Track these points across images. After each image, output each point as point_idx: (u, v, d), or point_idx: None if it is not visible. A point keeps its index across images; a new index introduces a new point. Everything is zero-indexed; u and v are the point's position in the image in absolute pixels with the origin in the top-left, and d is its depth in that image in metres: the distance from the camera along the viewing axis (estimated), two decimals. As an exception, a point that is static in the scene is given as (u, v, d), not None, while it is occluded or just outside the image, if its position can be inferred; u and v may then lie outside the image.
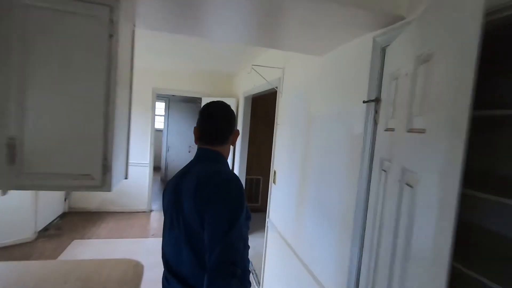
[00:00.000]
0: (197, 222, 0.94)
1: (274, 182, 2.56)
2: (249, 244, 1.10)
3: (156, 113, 8.94)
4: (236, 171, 4.24)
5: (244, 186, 4.15)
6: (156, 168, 8.24)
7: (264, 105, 4.97)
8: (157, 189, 6.53)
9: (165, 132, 7.21)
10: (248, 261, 1.08)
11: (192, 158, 1.13)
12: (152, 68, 4.61)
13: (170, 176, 7.19)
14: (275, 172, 2.55)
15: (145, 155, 4.78)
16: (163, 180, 7.23)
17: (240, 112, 4.23)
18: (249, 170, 4.30)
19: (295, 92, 2.18)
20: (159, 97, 7.19)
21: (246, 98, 4.01)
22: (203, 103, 4.79)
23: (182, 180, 1.05)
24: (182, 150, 7.15)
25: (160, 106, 8.88)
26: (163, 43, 3.04)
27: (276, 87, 2.56)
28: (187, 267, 0.99)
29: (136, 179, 4.76)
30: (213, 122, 1.09)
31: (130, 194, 4.76)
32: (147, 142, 4.76)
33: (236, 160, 4.28)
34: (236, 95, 4.58)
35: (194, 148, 1.43)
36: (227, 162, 1.13)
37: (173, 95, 7.09)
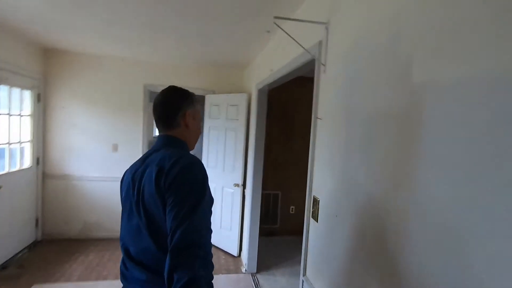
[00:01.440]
0: (160, 207, 0.94)
1: (314, 217, 1.56)
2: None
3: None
4: (249, 186, 3.26)
5: (259, 203, 2.97)
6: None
7: (279, 102, 3.99)
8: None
9: (167, 139, 6.34)
10: (210, 244, 0.98)
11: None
12: (143, 59, 3.73)
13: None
14: (315, 201, 1.56)
15: (136, 167, 3.86)
16: (165, 194, 6.33)
17: (253, 110, 3.26)
18: (264, 183, 3.32)
19: (356, 56, 1.19)
20: (160, 99, 6.34)
21: (260, 92, 3.04)
22: (208, 102, 3.86)
23: (141, 168, 1.04)
24: (187, 159, 6.24)
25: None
26: (151, 25, 2.15)
27: (314, 57, 1.57)
28: (148, 254, 0.99)
29: (125, 197, 3.84)
30: (156, 107, 1.11)
31: (118, 216, 3.84)
32: (138, 151, 3.86)
33: (249, 173, 3.30)
34: (247, 89, 3.63)
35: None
36: (186, 146, 1.11)
37: (175, 97, 6.22)
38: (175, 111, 1.08)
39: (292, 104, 4.22)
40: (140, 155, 3.90)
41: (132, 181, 1.04)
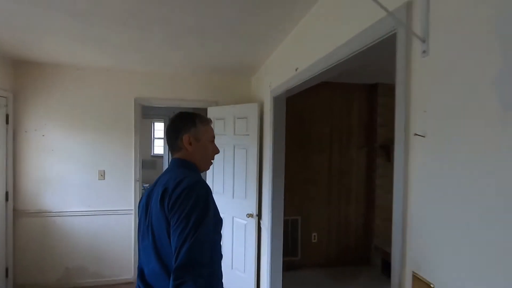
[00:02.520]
0: (164, 229, 0.96)
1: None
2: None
3: (155, 136, 7.86)
4: (266, 216, 2.61)
5: (281, 237, 2.53)
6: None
7: (293, 112, 3.38)
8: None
9: (166, 159, 5.70)
10: (221, 267, 1.06)
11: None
12: (132, 68, 3.15)
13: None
14: None
15: (127, 197, 3.22)
16: (165, 221, 5.64)
17: (267, 122, 2.65)
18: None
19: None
20: (156, 115, 5.76)
21: (276, 100, 2.44)
22: (210, 116, 3.25)
23: (152, 190, 1.08)
24: (188, 180, 5.59)
25: (159, 127, 7.53)
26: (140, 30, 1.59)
27: (395, 30, 0.96)
28: (155, 276, 1.00)
29: (115, 234, 3.18)
30: (165, 133, 1.21)
31: (107, 257, 3.17)
32: (130, 176, 3.22)
33: (265, 199, 2.66)
34: (257, 99, 3.03)
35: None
36: (193, 166, 1.13)
37: (173, 112, 5.64)
38: (174, 135, 1.14)
39: (307, 114, 3.63)
40: (133, 181, 3.25)
41: (146, 202, 1.08)
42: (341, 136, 3.74)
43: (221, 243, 1.10)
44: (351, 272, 3.58)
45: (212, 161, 1.21)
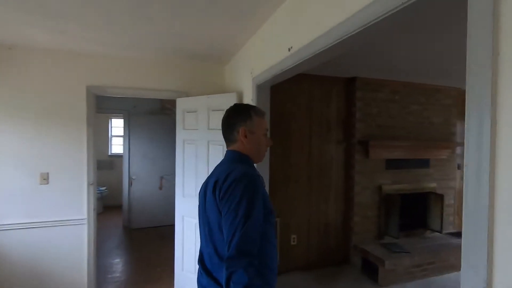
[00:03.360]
0: (216, 217, 1.03)
1: None
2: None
3: (113, 133, 7.06)
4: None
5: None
6: (116, 209, 6.10)
7: (273, 104, 3.10)
8: (117, 252, 4.35)
9: (126, 158, 5.11)
10: (274, 259, 1.08)
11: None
12: (84, 50, 2.63)
13: (137, 220, 5.05)
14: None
15: (79, 204, 2.70)
16: (126, 228, 5.04)
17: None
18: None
19: None
20: (113, 110, 5.13)
21: (260, 88, 2.15)
22: (180, 108, 2.86)
23: (208, 179, 1.14)
24: (153, 181, 5.06)
25: (118, 123, 6.81)
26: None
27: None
28: (210, 260, 1.08)
29: (63, 249, 2.64)
30: (222, 125, 1.24)
31: (53, 279, 2.62)
32: (82, 178, 2.71)
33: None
34: (234, 88, 2.70)
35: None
36: (246, 158, 1.15)
37: (134, 106, 5.07)
38: (230, 127, 1.18)
39: (286, 107, 3.39)
40: (85, 185, 2.71)
41: (204, 191, 1.14)
42: (320, 131, 3.56)
43: (270, 235, 1.08)
44: (332, 274, 3.42)
45: (265, 153, 1.22)
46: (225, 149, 2.55)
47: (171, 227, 3.15)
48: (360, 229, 3.64)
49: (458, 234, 3.95)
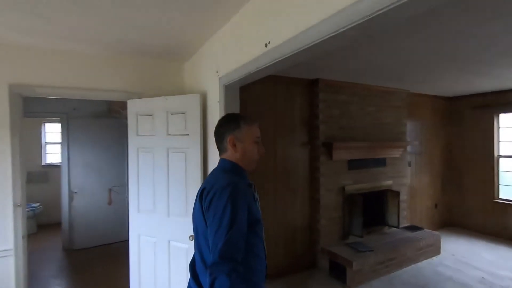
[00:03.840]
0: (202, 224, 1.07)
1: None
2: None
3: (47, 140, 6.10)
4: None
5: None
6: (53, 227, 5.26)
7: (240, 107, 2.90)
8: (56, 280, 3.71)
9: (65, 169, 4.42)
10: (258, 271, 1.08)
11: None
12: (6, 40, 2.12)
13: (81, 240, 4.37)
14: None
15: (1, 231, 2.16)
16: (68, 250, 4.35)
17: (214, 118, 2.11)
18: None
19: None
20: (47, 113, 4.41)
21: (229, 89, 1.93)
22: (132, 111, 2.51)
23: (201, 187, 1.15)
24: (99, 195, 4.46)
25: (53, 129, 5.94)
26: None
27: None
28: (197, 265, 1.12)
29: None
30: (214, 134, 1.24)
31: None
32: (5, 202, 2.18)
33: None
34: (200, 89, 2.43)
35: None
36: (236, 167, 1.16)
37: (74, 109, 4.42)
38: (220, 137, 1.20)
39: (252, 108, 3.21)
40: (10, 206, 2.05)
41: (197, 198, 1.15)
42: (285, 133, 3.46)
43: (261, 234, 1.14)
44: (300, 280, 3.34)
45: (257, 161, 1.22)
46: (190, 156, 2.31)
47: (124, 243, 2.73)
48: (327, 231, 3.63)
49: (411, 228, 4.20)
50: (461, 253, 4.01)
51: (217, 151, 1.24)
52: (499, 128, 4.77)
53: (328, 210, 3.63)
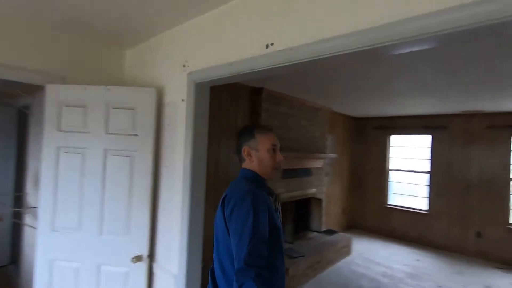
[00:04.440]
0: (223, 230, 1.11)
1: None
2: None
3: None
4: (170, 250, 1.79)
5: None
6: None
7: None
8: None
9: None
10: (278, 270, 1.11)
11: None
12: None
13: None
14: None
15: None
16: None
17: (178, 119, 1.83)
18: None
19: None
20: None
21: (199, 88, 1.70)
22: (53, 99, 1.95)
23: (224, 194, 1.19)
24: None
25: None
26: None
27: None
28: (216, 272, 1.16)
29: None
30: None
31: None
32: None
33: (172, 226, 1.84)
34: (153, 82, 2.06)
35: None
36: (254, 175, 1.21)
37: None
38: (238, 148, 1.27)
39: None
40: None
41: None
42: (228, 140, 3.33)
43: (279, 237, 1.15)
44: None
45: (274, 168, 1.24)
46: (137, 161, 1.91)
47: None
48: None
49: (329, 232, 4.67)
50: (366, 252, 4.68)
51: (175, 157, 1.38)
52: (390, 146, 5.88)
53: (264, 219, 3.66)
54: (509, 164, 4.49)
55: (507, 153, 4.51)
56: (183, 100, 1.76)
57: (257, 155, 1.21)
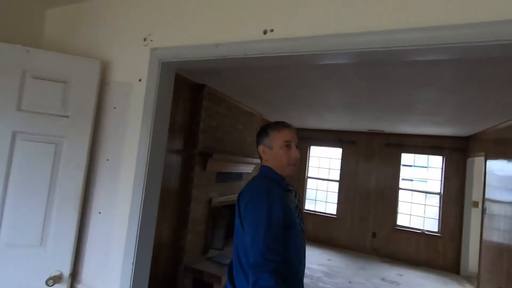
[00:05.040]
0: (239, 225, 1.12)
1: None
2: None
3: None
4: (106, 268, 1.42)
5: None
6: None
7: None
8: None
9: None
10: (299, 271, 1.12)
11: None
12: None
13: None
14: None
15: None
16: None
17: (131, 103, 1.49)
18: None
19: None
20: None
21: (165, 68, 1.44)
22: None
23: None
24: None
25: None
26: None
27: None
28: (234, 268, 1.14)
29: None
30: None
31: None
32: None
33: (106, 236, 1.46)
34: (93, 54, 1.62)
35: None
36: (272, 172, 1.20)
37: None
38: (256, 147, 1.31)
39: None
40: None
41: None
42: (168, 139, 2.97)
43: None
44: (162, 308, 2.86)
45: (290, 165, 1.20)
46: (65, 150, 1.46)
47: None
48: (192, 247, 3.36)
49: (254, 236, 4.71)
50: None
51: (123, 149, 1.32)
52: (310, 156, 6.43)
53: (195, 224, 3.41)
54: (399, 176, 5.52)
55: (398, 167, 5.54)
56: (140, 80, 1.45)
57: (271, 152, 1.20)
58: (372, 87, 2.81)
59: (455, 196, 5.11)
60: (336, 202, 6.00)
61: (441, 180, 5.33)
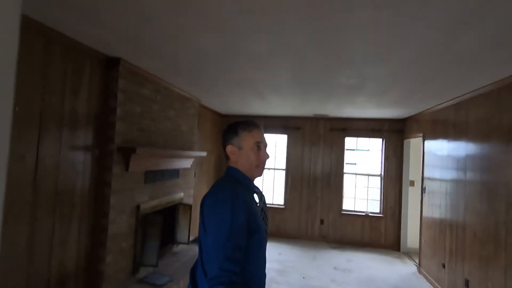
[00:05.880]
0: (202, 230, 1.07)
1: None
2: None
3: None
4: None
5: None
6: None
7: None
8: None
9: None
10: (258, 275, 1.09)
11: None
12: None
13: None
14: None
15: None
16: None
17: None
18: None
19: None
20: None
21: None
22: None
23: None
24: None
25: None
26: None
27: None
28: (198, 272, 1.09)
29: None
30: None
31: None
32: None
33: None
34: None
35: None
36: (239, 174, 1.16)
37: None
38: (223, 147, 1.21)
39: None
40: None
41: None
42: (56, 129, 2.13)
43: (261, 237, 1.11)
44: None
45: (258, 167, 1.18)
46: None
47: None
48: (115, 270, 2.61)
49: (196, 241, 4.11)
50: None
51: None
52: (253, 145, 6.01)
53: (118, 240, 2.65)
54: (343, 160, 5.48)
55: (342, 152, 5.49)
56: None
57: (240, 153, 1.17)
58: (325, 63, 2.43)
59: (395, 176, 5.29)
60: (283, 192, 5.74)
61: (381, 162, 5.46)
